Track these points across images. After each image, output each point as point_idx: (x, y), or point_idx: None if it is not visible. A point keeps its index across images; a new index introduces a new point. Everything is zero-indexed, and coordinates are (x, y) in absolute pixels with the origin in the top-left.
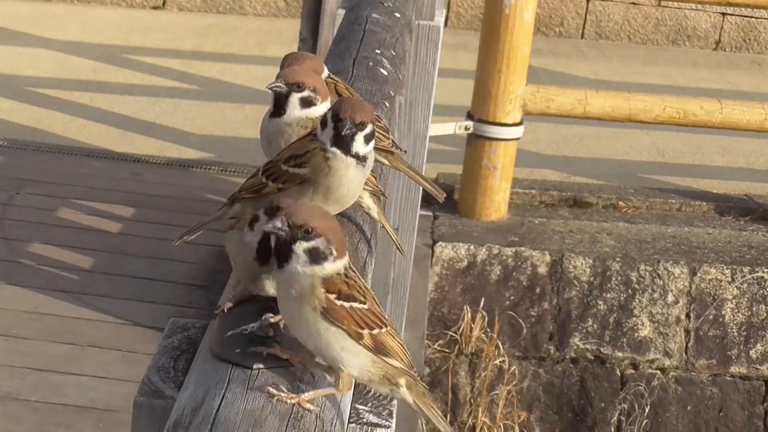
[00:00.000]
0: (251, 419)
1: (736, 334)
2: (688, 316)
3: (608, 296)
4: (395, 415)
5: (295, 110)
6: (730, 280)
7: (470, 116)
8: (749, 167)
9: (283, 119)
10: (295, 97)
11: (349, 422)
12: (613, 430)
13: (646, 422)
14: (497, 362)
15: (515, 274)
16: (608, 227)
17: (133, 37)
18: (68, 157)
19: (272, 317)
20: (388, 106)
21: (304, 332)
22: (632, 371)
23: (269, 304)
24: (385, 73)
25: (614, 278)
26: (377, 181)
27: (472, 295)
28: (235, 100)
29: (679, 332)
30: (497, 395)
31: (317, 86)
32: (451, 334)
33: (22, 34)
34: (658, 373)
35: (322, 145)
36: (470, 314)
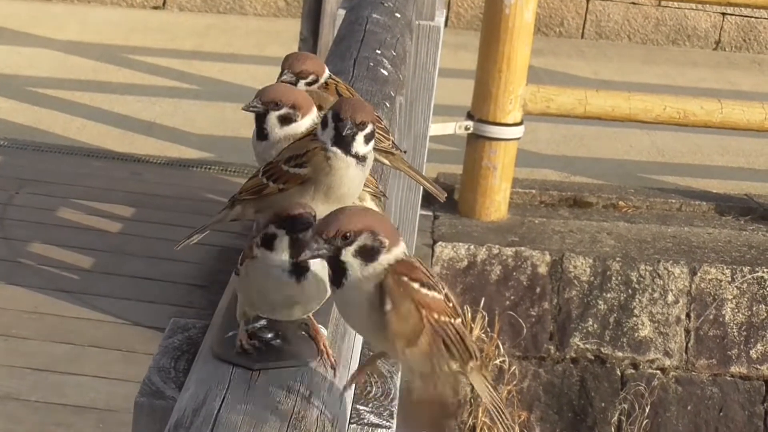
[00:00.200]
0: (252, 420)
1: (736, 333)
2: (688, 315)
3: (608, 296)
4: (396, 415)
5: (275, 130)
6: (730, 279)
7: (470, 116)
8: (749, 167)
9: (269, 142)
10: (273, 115)
11: (350, 423)
12: (613, 430)
13: (646, 422)
14: (497, 362)
15: (515, 273)
16: (608, 227)
17: (133, 36)
18: (68, 156)
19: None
20: (388, 106)
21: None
22: (632, 371)
23: None
24: (385, 73)
25: (614, 278)
26: (377, 181)
27: (472, 294)
28: (235, 99)
29: (679, 332)
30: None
31: (296, 101)
32: None
33: (22, 34)
34: (658, 373)
35: (322, 144)
36: (470, 314)
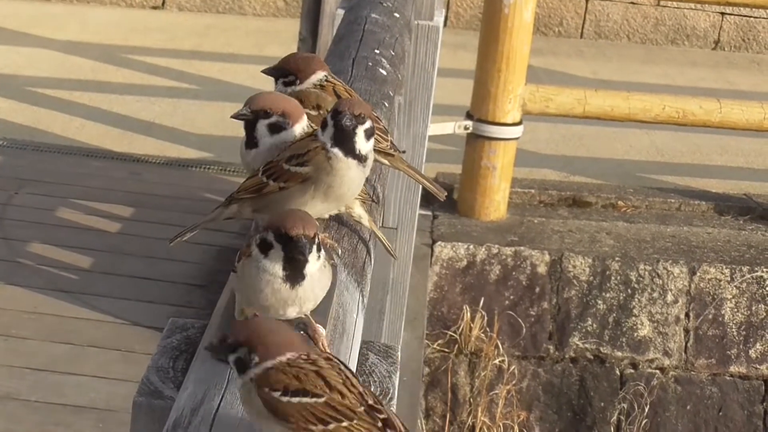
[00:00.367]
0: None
1: (735, 333)
2: (687, 315)
3: (607, 296)
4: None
5: (265, 138)
6: (729, 279)
7: (469, 116)
8: (748, 166)
9: (258, 150)
10: (262, 124)
11: None
12: (612, 429)
13: (645, 422)
14: (497, 362)
15: (515, 273)
16: (607, 227)
17: (132, 36)
18: (67, 156)
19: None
20: (387, 106)
21: None
22: (632, 371)
23: None
24: (384, 73)
25: (613, 278)
26: (374, 181)
27: (471, 294)
28: (234, 99)
29: (678, 332)
30: (497, 395)
31: (286, 109)
32: (450, 333)
33: (22, 34)
34: (657, 372)
35: (323, 144)
36: (470, 314)
